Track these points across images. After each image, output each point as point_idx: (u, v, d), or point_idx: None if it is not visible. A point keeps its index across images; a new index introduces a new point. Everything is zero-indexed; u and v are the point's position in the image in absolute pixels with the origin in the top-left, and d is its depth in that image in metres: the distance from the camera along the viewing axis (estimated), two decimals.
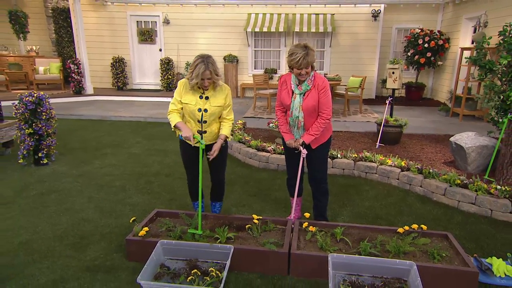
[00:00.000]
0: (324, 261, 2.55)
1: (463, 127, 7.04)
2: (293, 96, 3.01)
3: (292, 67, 2.89)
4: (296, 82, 3.00)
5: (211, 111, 2.90)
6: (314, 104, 2.97)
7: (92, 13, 11.09)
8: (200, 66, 2.70)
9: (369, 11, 10.31)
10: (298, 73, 2.89)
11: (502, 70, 5.17)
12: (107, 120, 7.92)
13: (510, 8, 7.07)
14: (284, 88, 3.07)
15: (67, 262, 2.75)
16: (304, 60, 2.80)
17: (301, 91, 2.97)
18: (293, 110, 3.02)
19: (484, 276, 2.58)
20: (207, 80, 2.78)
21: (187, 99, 2.88)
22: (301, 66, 2.83)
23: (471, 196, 3.74)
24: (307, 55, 2.80)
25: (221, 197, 3.40)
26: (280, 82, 3.11)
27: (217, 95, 2.92)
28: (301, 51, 2.81)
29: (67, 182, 4.36)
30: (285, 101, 3.06)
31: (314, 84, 2.96)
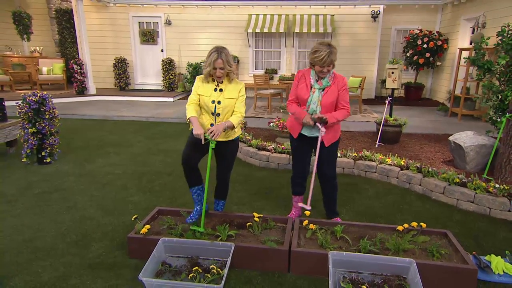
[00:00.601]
0: (324, 259, 2.54)
1: (462, 126, 7.02)
2: (312, 91, 3.03)
3: (315, 64, 2.93)
4: (315, 77, 3.03)
5: (225, 103, 2.90)
6: (333, 100, 3.01)
7: (95, 14, 11.10)
8: (213, 54, 2.77)
9: (369, 12, 10.29)
10: (320, 70, 2.93)
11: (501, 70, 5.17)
12: (110, 120, 7.92)
13: (508, 9, 7.05)
14: (302, 82, 3.08)
15: (70, 259, 2.75)
16: (328, 58, 2.85)
17: (321, 86, 3.01)
18: (311, 103, 3.03)
19: (483, 274, 2.57)
20: (219, 70, 2.79)
21: (202, 91, 2.92)
22: (324, 64, 2.87)
23: (470, 194, 3.73)
24: (331, 53, 2.85)
25: (225, 196, 3.38)
26: (298, 76, 3.12)
27: (231, 88, 2.93)
28: (326, 49, 2.85)
29: (70, 181, 4.36)
30: (303, 95, 3.05)
31: (334, 81, 3.01)
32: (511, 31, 5.00)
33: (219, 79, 2.89)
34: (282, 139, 5.59)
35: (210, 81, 2.93)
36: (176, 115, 8.23)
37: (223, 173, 3.23)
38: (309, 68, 3.09)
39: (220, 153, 3.08)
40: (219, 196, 3.36)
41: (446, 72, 9.82)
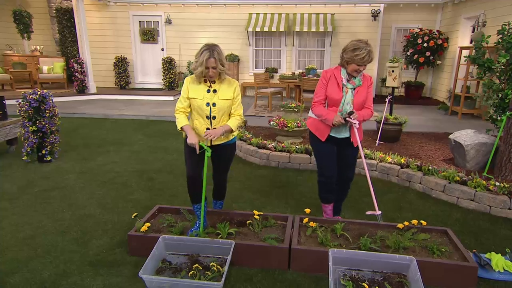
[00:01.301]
0: (324, 256, 2.53)
1: (462, 125, 7.01)
2: (345, 91, 2.89)
3: (353, 62, 2.77)
4: (346, 76, 2.89)
5: (220, 105, 2.70)
6: (364, 100, 2.93)
7: (95, 13, 11.09)
8: (205, 53, 2.56)
9: (369, 10, 10.27)
10: (356, 69, 2.79)
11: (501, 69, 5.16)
12: (110, 118, 7.92)
13: (508, 7, 7.04)
14: (333, 82, 2.91)
15: (70, 256, 2.74)
16: (369, 58, 2.74)
17: (354, 85, 2.89)
18: (345, 104, 2.90)
19: (483, 271, 2.56)
20: (211, 69, 2.60)
21: (194, 94, 2.70)
22: (365, 63, 2.76)
23: (470, 192, 3.72)
24: (370, 52, 2.74)
25: (223, 197, 3.33)
26: (327, 76, 2.93)
27: (225, 88, 2.74)
28: (366, 48, 2.72)
29: (70, 179, 4.35)
30: (335, 95, 2.89)
31: (363, 80, 2.92)
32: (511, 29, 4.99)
33: (211, 78, 2.69)
34: (282, 138, 5.59)
35: (201, 82, 2.73)
36: None
37: (220, 176, 3.09)
38: (338, 67, 2.94)
39: (217, 156, 2.88)
40: (217, 197, 3.28)
41: (447, 71, 9.80)
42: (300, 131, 5.56)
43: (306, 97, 7.94)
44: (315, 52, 11.03)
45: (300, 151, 4.94)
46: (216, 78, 2.73)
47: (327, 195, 3.20)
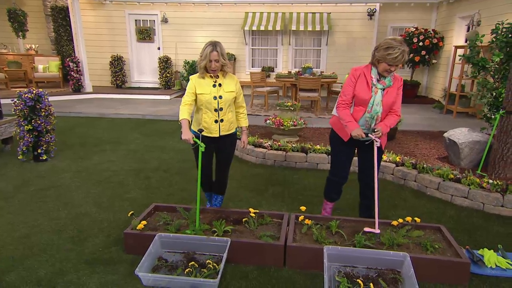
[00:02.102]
0: (319, 253, 2.56)
1: (457, 123, 7.06)
2: (374, 91, 2.77)
3: (384, 61, 2.66)
4: (377, 76, 2.78)
5: (225, 97, 2.96)
6: (393, 101, 2.81)
7: (91, 11, 11.04)
8: (208, 47, 2.82)
9: (365, 10, 10.31)
10: (387, 69, 2.68)
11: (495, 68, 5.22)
12: (106, 118, 7.90)
13: (502, 7, 7.10)
14: (362, 82, 2.79)
15: (66, 255, 2.75)
16: (402, 58, 2.61)
17: (384, 86, 2.77)
18: (374, 105, 2.78)
19: (475, 267, 2.60)
20: (214, 62, 2.83)
21: (201, 90, 2.93)
22: (397, 63, 2.63)
23: (464, 190, 3.76)
24: (404, 52, 2.60)
25: (223, 190, 3.41)
26: (356, 75, 2.82)
27: (228, 82, 3.00)
28: (401, 47, 2.59)
29: (66, 178, 4.35)
30: (364, 95, 2.78)
31: (394, 81, 2.80)
32: (505, 28, 5.04)
33: (213, 72, 2.91)
34: (278, 136, 5.61)
35: (206, 77, 2.95)
36: (173, 112, 8.22)
37: (222, 168, 3.27)
38: (368, 65, 2.82)
39: (220, 147, 3.14)
40: (217, 190, 3.39)
41: (442, 69, 9.86)
42: (296, 130, 5.58)
43: (302, 96, 7.96)
44: (311, 51, 11.06)
45: (296, 149, 4.96)
46: (220, 73, 2.97)
47: (331, 194, 3.23)
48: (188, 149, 5.55)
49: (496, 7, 7.34)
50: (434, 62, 10.08)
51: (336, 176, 3.14)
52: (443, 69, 9.73)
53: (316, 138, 5.88)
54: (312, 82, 7.85)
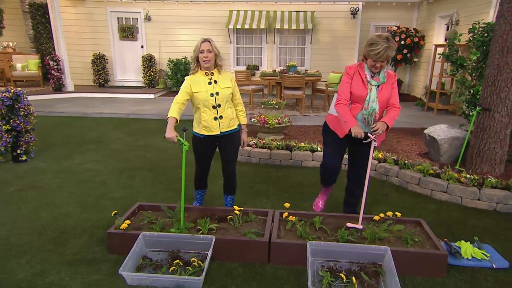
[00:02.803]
0: (303, 249, 2.60)
1: (438, 120, 7.24)
2: (369, 87, 2.80)
3: (369, 57, 2.72)
4: (370, 73, 2.81)
5: (222, 93, 2.97)
6: (388, 97, 2.84)
7: (71, 9, 10.81)
8: (200, 41, 2.91)
9: (348, 8, 10.44)
10: (373, 64, 2.73)
11: (472, 66, 5.38)
12: (89, 117, 7.77)
13: (479, 6, 7.31)
14: (357, 79, 2.83)
15: (47, 256, 2.70)
16: (385, 54, 2.64)
17: (378, 82, 2.81)
18: (370, 102, 2.80)
19: (453, 259, 2.69)
20: (206, 52, 2.86)
21: (197, 88, 2.94)
22: (380, 58, 2.67)
23: (443, 185, 3.87)
24: (388, 48, 2.63)
25: (234, 190, 3.41)
26: (351, 73, 2.85)
27: (224, 78, 3.01)
28: (384, 43, 2.63)
29: (47, 178, 4.26)
30: (360, 92, 2.81)
31: (387, 77, 2.84)
32: (481, 28, 5.20)
33: (207, 63, 2.90)
34: (263, 134, 5.64)
35: (201, 75, 2.96)
36: (157, 111, 8.15)
37: (229, 166, 3.26)
38: (361, 62, 2.85)
39: (223, 144, 3.15)
40: (228, 191, 3.40)
41: (423, 68, 10.08)
42: (280, 128, 5.63)
43: (287, 94, 8.01)
44: (295, 50, 11.13)
45: (281, 147, 5.00)
46: (215, 70, 2.99)
47: (326, 181, 3.27)
48: (172, 148, 5.53)
49: (473, 7, 7.56)
50: (415, 60, 10.29)
51: (325, 169, 3.14)
52: (424, 67, 9.95)
53: (300, 135, 5.94)
54: (297, 80, 7.91)
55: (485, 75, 4.04)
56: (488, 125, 3.99)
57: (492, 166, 4.07)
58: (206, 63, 2.91)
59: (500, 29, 3.79)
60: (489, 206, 3.66)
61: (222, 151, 3.21)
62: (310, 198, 3.86)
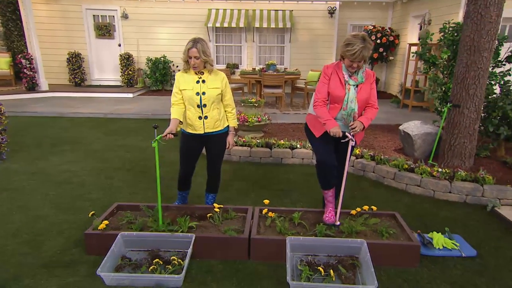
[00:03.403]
0: (282, 244, 2.63)
1: (412, 117, 7.45)
2: (347, 87, 2.79)
3: (346, 57, 2.71)
4: (348, 73, 2.80)
5: (209, 93, 2.93)
6: (367, 97, 2.83)
7: (43, 5, 10.44)
8: (189, 44, 2.84)
9: (325, 8, 10.58)
10: (349, 64, 2.72)
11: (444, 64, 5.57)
12: (65, 117, 7.55)
13: (450, 7, 7.57)
14: (335, 79, 2.81)
15: (21, 259, 2.63)
16: (361, 54, 2.62)
17: (356, 82, 2.79)
18: (349, 102, 2.79)
19: (425, 249, 2.80)
20: (194, 59, 2.83)
21: (185, 85, 2.94)
22: (356, 59, 2.65)
23: (417, 179, 4.00)
24: (364, 49, 2.61)
25: (216, 189, 3.40)
26: (328, 73, 2.83)
27: (213, 79, 2.97)
28: (360, 43, 2.61)
29: (20, 180, 4.13)
30: (338, 93, 2.78)
31: (366, 77, 2.83)
32: (451, 27, 5.39)
33: (195, 69, 2.90)
34: (243, 133, 5.65)
35: (191, 73, 2.95)
36: (136, 110, 8.02)
37: (213, 166, 3.25)
38: (339, 62, 2.84)
39: (208, 145, 3.14)
40: (210, 190, 3.39)
41: (398, 66, 10.35)
42: (260, 126, 5.65)
43: (266, 92, 8.05)
44: (275, 48, 11.19)
45: (261, 145, 5.03)
46: (204, 70, 2.95)
47: (325, 181, 3.03)
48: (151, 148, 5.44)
49: (444, 7, 7.82)
50: (391, 58, 10.55)
51: (321, 166, 3.00)
52: (400, 65, 10.22)
53: (280, 133, 5.99)
54: (276, 78, 7.96)
55: (455, 73, 4.20)
56: (458, 121, 4.15)
57: (462, 160, 4.24)
58: (194, 68, 2.91)
59: (467, 29, 3.94)
60: (459, 198, 3.82)
61: (208, 151, 3.21)
62: (290, 194, 3.92)
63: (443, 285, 2.47)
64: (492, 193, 3.72)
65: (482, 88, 4.02)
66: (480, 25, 3.82)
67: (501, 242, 3.03)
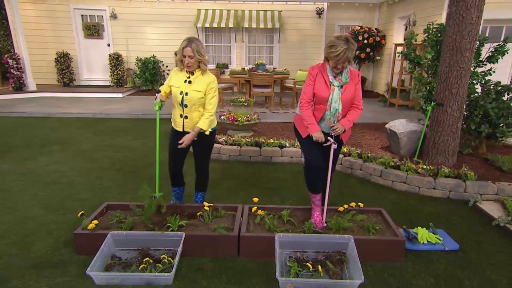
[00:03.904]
0: (272, 241, 2.65)
1: (398, 115, 7.56)
2: (331, 88, 2.79)
3: (330, 59, 2.70)
4: (333, 73, 2.80)
5: (191, 95, 2.91)
6: (351, 97, 2.83)
7: (30, 5, 10.25)
8: (183, 43, 2.85)
9: (314, 8, 10.64)
10: (334, 66, 2.71)
11: (428, 64, 5.66)
12: (53, 117, 7.43)
13: (433, 8, 7.70)
14: (320, 80, 2.81)
15: (10, 261, 2.59)
16: (344, 55, 2.61)
17: (340, 83, 2.79)
18: (333, 103, 2.79)
19: (410, 244, 2.85)
20: (188, 58, 2.83)
21: (174, 82, 2.98)
22: (340, 60, 2.64)
23: (403, 176, 4.07)
24: (347, 50, 2.61)
25: (204, 188, 3.38)
26: (314, 74, 2.84)
27: (200, 81, 2.94)
28: (343, 45, 2.60)
29: (8, 181, 4.06)
30: (323, 94, 2.79)
31: (351, 77, 2.82)
32: (435, 28, 5.48)
33: (188, 68, 2.90)
34: (233, 132, 5.66)
35: (183, 72, 2.97)
36: (126, 110, 7.94)
37: (200, 165, 3.23)
38: (324, 63, 2.83)
39: (195, 145, 3.12)
40: (198, 188, 3.37)
41: (385, 66, 10.47)
42: (250, 125, 5.66)
43: (256, 91, 8.07)
44: (264, 48, 11.21)
45: (250, 144, 5.04)
46: (197, 70, 2.94)
47: (313, 183, 3.01)
48: (141, 147, 5.42)
49: (428, 9, 7.94)
50: (378, 58, 10.67)
51: (308, 166, 2.97)
52: (386, 65, 10.34)
53: (269, 132, 6.01)
54: (265, 78, 7.98)
55: (438, 73, 4.27)
56: (442, 119, 4.23)
57: (446, 157, 4.32)
58: (188, 67, 2.91)
59: (450, 30, 4.02)
60: (443, 194, 3.90)
61: (194, 150, 3.21)
62: (279, 192, 3.94)
63: (427, 278, 2.52)
64: (474, 189, 3.81)
65: (464, 87, 4.10)
66: (462, 26, 3.90)
67: (482, 236, 3.11)
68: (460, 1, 3.87)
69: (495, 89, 4.68)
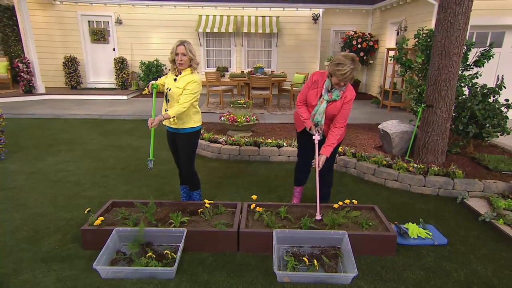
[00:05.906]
0: (270, 237, 2.66)
1: (391, 117, 7.57)
2: (320, 100, 2.81)
3: (334, 76, 2.68)
4: (328, 87, 2.79)
5: (173, 90, 2.96)
6: (335, 114, 2.85)
7: (40, 12, 10.24)
8: (176, 43, 2.93)
9: (310, 14, 10.64)
10: (337, 82, 2.70)
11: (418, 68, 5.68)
12: (61, 119, 7.43)
13: (423, 15, 7.71)
14: (314, 88, 2.84)
15: (20, 255, 2.60)
16: (350, 75, 2.62)
17: (330, 98, 2.79)
18: (317, 114, 2.85)
19: (401, 239, 2.87)
20: (181, 55, 2.88)
21: (166, 80, 3.08)
22: (346, 79, 2.65)
23: (395, 174, 4.08)
24: (353, 70, 2.61)
25: (195, 187, 3.35)
26: (312, 80, 2.86)
27: (183, 79, 2.95)
28: (350, 64, 2.60)
29: (19, 180, 4.06)
30: (311, 101, 2.86)
31: (342, 96, 2.80)
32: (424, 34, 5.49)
33: (180, 66, 2.92)
34: (232, 132, 5.66)
35: (175, 72, 3.03)
36: (130, 112, 7.94)
37: (183, 163, 3.20)
38: (325, 75, 2.82)
39: (177, 142, 3.16)
40: (189, 187, 3.36)
41: (378, 69, 10.48)
42: (249, 126, 5.67)
43: (255, 94, 8.07)
44: (262, 52, 11.21)
45: (249, 144, 5.05)
46: (186, 70, 2.95)
47: (298, 175, 3.37)
48: (145, 147, 5.42)
49: (418, 15, 7.95)
50: (371, 62, 10.68)
51: (297, 163, 3.37)
52: (379, 68, 10.35)
53: (268, 132, 6.01)
54: (264, 81, 7.98)
55: (428, 76, 4.28)
56: (432, 120, 4.24)
57: (436, 156, 4.33)
58: (180, 65, 2.93)
59: (439, 35, 4.03)
60: (433, 191, 3.91)
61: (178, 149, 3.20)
62: (277, 190, 3.95)
63: (417, 271, 2.54)
64: (461, 186, 3.82)
65: (452, 89, 4.12)
66: (450, 32, 3.91)
67: (469, 231, 3.12)
68: (448, 8, 3.89)
69: (481, 92, 4.70)
